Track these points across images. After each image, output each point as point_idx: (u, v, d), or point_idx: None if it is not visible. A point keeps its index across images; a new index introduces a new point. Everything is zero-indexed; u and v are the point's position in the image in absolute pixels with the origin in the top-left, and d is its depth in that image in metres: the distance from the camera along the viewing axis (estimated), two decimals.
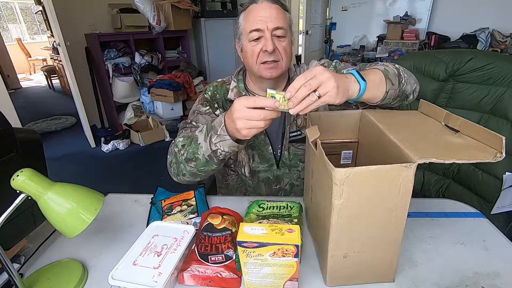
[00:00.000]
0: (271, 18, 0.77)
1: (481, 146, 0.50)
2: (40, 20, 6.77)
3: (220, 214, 0.71)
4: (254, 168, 0.94)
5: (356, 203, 0.49)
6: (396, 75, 0.70)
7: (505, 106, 1.01)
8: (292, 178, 0.95)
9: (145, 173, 2.66)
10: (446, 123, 0.60)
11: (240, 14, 0.83)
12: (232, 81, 0.93)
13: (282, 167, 0.93)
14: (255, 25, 0.77)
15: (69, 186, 0.55)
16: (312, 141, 0.59)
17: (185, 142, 0.75)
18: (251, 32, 0.78)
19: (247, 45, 0.80)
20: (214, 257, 0.61)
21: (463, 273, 0.60)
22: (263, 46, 0.78)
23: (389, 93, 0.68)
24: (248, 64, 0.84)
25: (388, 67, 0.72)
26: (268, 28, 0.77)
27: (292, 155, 0.92)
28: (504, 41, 3.08)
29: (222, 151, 0.67)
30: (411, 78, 0.75)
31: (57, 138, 3.49)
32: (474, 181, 1.09)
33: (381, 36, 3.99)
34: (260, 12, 0.78)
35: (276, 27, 0.77)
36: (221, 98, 0.93)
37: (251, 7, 0.80)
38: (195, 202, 0.82)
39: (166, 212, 0.80)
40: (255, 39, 0.79)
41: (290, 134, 0.90)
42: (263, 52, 0.78)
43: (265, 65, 0.79)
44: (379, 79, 0.67)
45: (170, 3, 3.24)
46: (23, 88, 6.22)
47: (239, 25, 0.83)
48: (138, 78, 3.31)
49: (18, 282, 0.56)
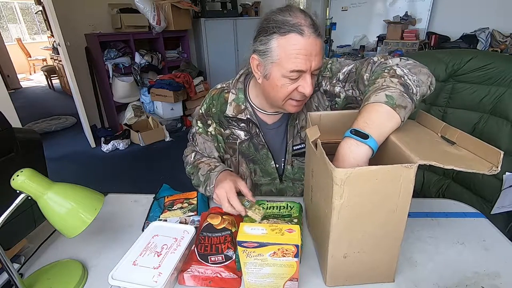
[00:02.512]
0: (316, 57, 0.67)
1: (477, 159, 0.49)
2: (40, 20, 6.78)
3: (219, 214, 0.71)
4: (256, 182, 0.92)
5: (357, 203, 0.49)
6: (402, 93, 0.56)
7: (505, 106, 1.01)
8: (296, 192, 0.92)
9: (145, 173, 2.66)
10: (443, 134, 0.58)
11: (273, 36, 0.67)
12: (231, 92, 0.86)
13: (285, 180, 0.90)
14: (299, 66, 0.66)
15: (69, 186, 0.55)
16: (313, 141, 0.59)
17: (192, 171, 0.90)
18: (292, 72, 0.68)
19: (280, 79, 0.70)
20: (214, 258, 0.61)
21: (463, 273, 0.60)
22: (299, 87, 0.70)
23: (406, 115, 0.57)
24: (270, 95, 0.76)
25: (389, 88, 0.57)
26: (311, 68, 0.68)
27: (296, 168, 0.88)
28: (504, 41, 3.07)
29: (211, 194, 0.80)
30: (421, 75, 0.61)
31: (57, 138, 3.49)
32: (474, 181, 1.09)
33: (381, 36, 3.99)
34: (306, 48, 0.65)
35: (318, 68, 0.70)
36: (216, 113, 0.88)
37: (294, 38, 0.65)
38: (196, 202, 0.83)
39: (167, 207, 0.81)
40: (293, 78, 0.69)
41: (293, 148, 0.86)
42: (298, 93, 0.71)
43: (292, 102, 0.74)
44: (388, 116, 0.55)
45: (170, 3, 3.24)
46: (23, 88, 6.22)
47: (269, 48, 0.68)
48: (138, 78, 3.31)
49: (18, 282, 0.56)
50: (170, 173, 2.59)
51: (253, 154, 0.88)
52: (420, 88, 0.60)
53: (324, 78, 0.81)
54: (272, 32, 0.67)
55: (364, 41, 4.28)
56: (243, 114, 0.84)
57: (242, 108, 0.84)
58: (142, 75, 3.39)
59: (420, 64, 0.64)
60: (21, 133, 0.63)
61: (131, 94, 3.33)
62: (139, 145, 3.14)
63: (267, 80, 0.73)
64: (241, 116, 0.84)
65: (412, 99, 0.57)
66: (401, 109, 0.55)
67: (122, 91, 3.21)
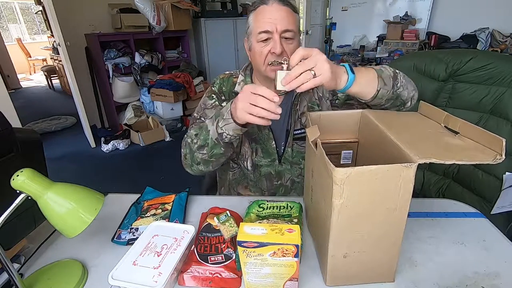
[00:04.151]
0: (281, 20, 0.77)
1: (481, 148, 0.50)
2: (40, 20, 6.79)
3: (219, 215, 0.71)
4: (256, 162, 0.94)
5: (357, 203, 0.49)
6: (391, 76, 0.72)
7: (505, 106, 1.02)
8: (294, 175, 0.95)
9: (145, 173, 2.66)
10: (446, 124, 0.60)
11: (250, 13, 0.83)
12: (240, 75, 0.95)
13: (284, 163, 0.94)
14: (264, 27, 0.78)
15: (69, 186, 0.55)
16: (312, 141, 0.59)
17: (197, 132, 0.81)
18: (260, 33, 0.79)
19: (256, 45, 0.81)
20: (213, 258, 0.61)
21: (463, 273, 0.60)
22: (271, 48, 0.78)
23: (381, 92, 0.69)
24: (255, 63, 0.85)
25: (386, 68, 0.73)
26: (277, 30, 0.77)
27: (295, 152, 0.93)
28: (504, 41, 3.08)
29: (227, 134, 0.72)
30: (409, 84, 0.76)
31: (57, 138, 3.49)
32: (474, 181, 1.09)
33: (381, 36, 3.99)
34: (270, 13, 0.78)
35: (285, 29, 0.78)
36: (227, 91, 0.95)
37: (261, 8, 0.80)
38: (170, 207, 0.80)
39: (142, 213, 0.79)
40: (263, 40, 0.79)
41: (294, 132, 0.91)
42: (271, 53, 0.79)
43: (272, 67, 0.80)
44: (372, 76, 0.69)
45: (170, 3, 3.24)
46: (23, 88, 6.21)
47: (248, 24, 0.84)
48: (138, 78, 3.31)
49: (18, 282, 0.56)
50: (170, 173, 2.59)
51: (256, 133, 0.91)
52: (403, 90, 0.73)
53: None
54: (250, 12, 0.84)
55: (364, 41, 4.28)
56: None
57: None
58: (142, 75, 3.39)
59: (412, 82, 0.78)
60: (21, 133, 0.63)
61: (131, 94, 3.33)
62: (139, 145, 3.14)
63: (251, 51, 0.85)
64: None
65: (393, 87, 0.72)
66: (382, 82, 0.69)
67: (122, 91, 3.21)
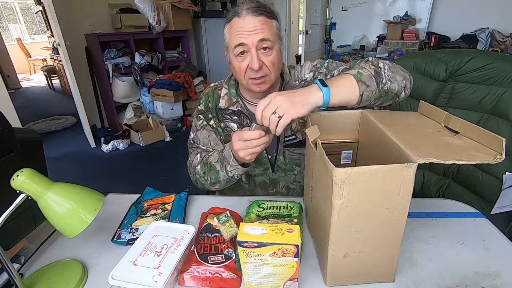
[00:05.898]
0: (256, 31, 0.74)
1: (481, 148, 0.50)
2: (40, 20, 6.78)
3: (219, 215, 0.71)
4: (249, 172, 0.94)
5: (356, 203, 0.49)
6: (371, 75, 0.68)
7: (505, 106, 1.01)
8: (288, 182, 0.95)
9: (145, 173, 2.66)
10: (446, 124, 0.60)
11: (225, 26, 0.80)
12: (223, 88, 0.93)
13: (277, 171, 0.94)
14: (239, 40, 0.75)
15: (69, 186, 0.55)
16: (312, 141, 0.59)
17: (204, 169, 0.85)
18: (236, 47, 0.76)
19: (234, 59, 0.79)
20: (213, 258, 0.61)
21: (463, 273, 0.60)
22: (249, 63, 0.76)
23: (365, 95, 0.67)
24: (237, 77, 0.84)
25: (365, 69, 0.69)
26: (253, 43, 0.74)
27: (287, 159, 0.92)
28: (504, 41, 3.07)
29: (237, 175, 0.80)
30: (397, 75, 0.71)
31: (57, 138, 3.49)
32: (474, 181, 1.09)
33: (381, 36, 3.99)
34: (244, 26, 0.74)
35: (261, 39, 0.74)
36: (213, 107, 0.94)
37: (234, 21, 0.76)
38: (170, 207, 0.80)
39: (142, 213, 0.79)
40: (240, 54, 0.77)
41: (285, 139, 0.90)
42: (250, 69, 0.77)
43: (253, 81, 0.79)
44: (349, 83, 0.66)
45: (170, 3, 3.24)
46: (23, 88, 6.21)
47: (224, 37, 0.81)
48: (138, 78, 3.31)
49: (18, 282, 0.56)
50: (170, 173, 2.59)
51: None
52: (392, 83, 0.70)
53: (320, 74, 0.89)
54: (225, 24, 0.80)
55: (364, 41, 4.28)
56: (235, 106, 0.90)
57: (234, 101, 0.90)
58: (142, 75, 3.39)
59: (404, 70, 0.74)
60: (21, 133, 0.63)
61: (131, 94, 3.33)
62: (139, 145, 3.14)
63: (231, 65, 0.83)
64: (233, 108, 0.90)
65: (378, 85, 0.68)
66: (363, 85, 0.66)
67: (122, 91, 3.21)
